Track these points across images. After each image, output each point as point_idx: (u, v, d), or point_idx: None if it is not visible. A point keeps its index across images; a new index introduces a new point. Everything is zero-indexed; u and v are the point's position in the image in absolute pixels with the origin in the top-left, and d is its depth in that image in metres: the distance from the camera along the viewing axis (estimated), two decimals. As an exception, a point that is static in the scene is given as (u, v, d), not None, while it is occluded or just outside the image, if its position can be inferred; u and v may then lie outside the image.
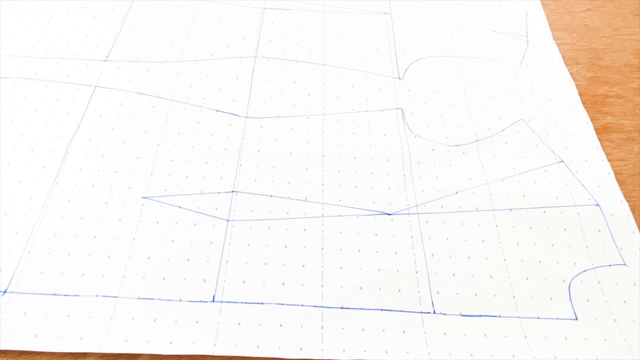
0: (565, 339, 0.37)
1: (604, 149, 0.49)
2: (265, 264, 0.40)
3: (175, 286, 0.38)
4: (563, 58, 0.57)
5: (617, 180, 0.47)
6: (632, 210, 0.45)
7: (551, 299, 0.39)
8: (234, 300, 0.38)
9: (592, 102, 0.53)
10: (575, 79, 0.55)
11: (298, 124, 0.49)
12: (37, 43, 0.52)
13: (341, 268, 0.40)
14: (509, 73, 0.55)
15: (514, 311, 0.38)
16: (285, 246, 0.41)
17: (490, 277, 0.40)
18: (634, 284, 0.40)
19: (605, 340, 0.37)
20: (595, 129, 0.50)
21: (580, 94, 0.53)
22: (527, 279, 0.40)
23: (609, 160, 0.48)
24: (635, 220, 0.44)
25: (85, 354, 0.35)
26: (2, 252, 0.38)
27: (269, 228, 0.42)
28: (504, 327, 0.37)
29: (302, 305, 0.38)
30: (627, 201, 0.45)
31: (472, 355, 0.36)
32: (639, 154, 0.49)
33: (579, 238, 0.42)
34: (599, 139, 0.50)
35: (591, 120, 0.51)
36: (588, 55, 0.58)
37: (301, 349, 0.36)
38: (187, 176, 0.44)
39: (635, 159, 0.49)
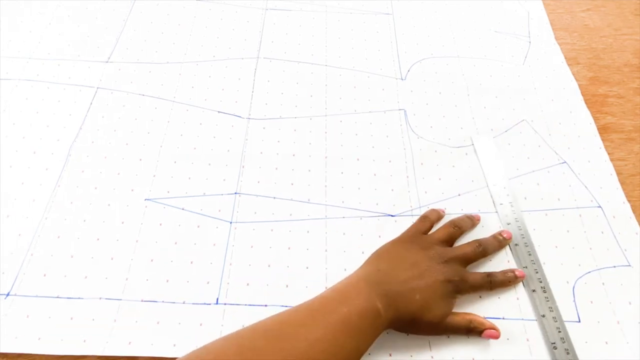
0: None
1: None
2: (269, 265, 0.40)
3: (178, 288, 0.38)
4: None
5: (618, 180, 0.47)
6: (633, 210, 0.45)
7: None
8: (238, 302, 0.38)
9: (592, 102, 0.53)
10: (575, 79, 0.55)
11: (301, 125, 0.49)
12: (39, 44, 0.51)
13: (345, 270, 0.40)
14: (512, 73, 0.55)
15: (517, 313, 0.38)
16: (289, 248, 0.41)
17: (494, 278, 0.40)
18: None
19: (606, 343, 0.37)
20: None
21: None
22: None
23: (609, 160, 0.48)
24: (636, 220, 0.44)
25: (84, 356, 0.34)
26: (5, 255, 0.38)
27: (272, 230, 0.42)
28: (507, 330, 0.37)
29: (306, 308, 0.38)
30: (628, 200, 0.45)
31: (474, 358, 0.35)
32: (639, 154, 0.49)
33: (582, 240, 0.42)
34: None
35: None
36: (588, 55, 0.58)
37: (305, 351, 0.35)
38: (189, 178, 0.44)
39: (635, 159, 0.49)
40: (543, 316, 0.38)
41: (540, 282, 0.40)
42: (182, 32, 0.55)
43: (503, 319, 0.38)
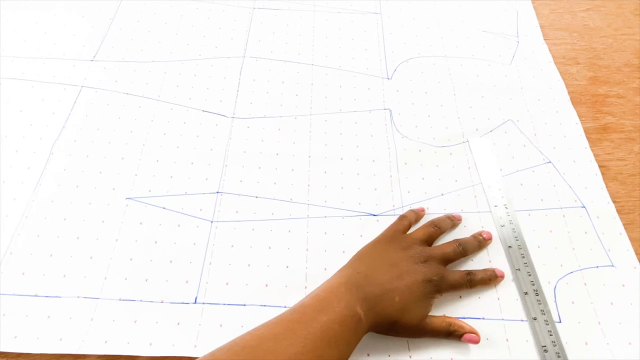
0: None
1: (604, 149, 0.49)
2: (249, 265, 0.40)
3: (157, 287, 0.38)
4: (563, 58, 0.56)
5: (617, 180, 0.46)
6: (632, 210, 0.44)
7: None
8: (216, 301, 0.38)
9: (592, 102, 0.53)
10: (575, 79, 0.54)
11: (285, 125, 0.48)
12: (24, 43, 0.51)
13: (325, 269, 0.40)
14: (499, 73, 0.54)
15: (498, 313, 0.38)
16: (270, 247, 0.41)
17: (475, 278, 0.40)
18: (623, 285, 0.40)
19: (586, 343, 0.37)
20: (595, 129, 0.50)
21: (580, 94, 0.53)
22: (512, 280, 0.40)
23: (609, 160, 0.48)
24: (635, 220, 0.44)
25: (84, 355, 0.34)
26: (-16, 253, 0.38)
27: (253, 229, 0.41)
28: (486, 330, 0.37)
29: (285, 307, 0.37)
30: (627, 200, 0.45)
31: (452, 358, 0.35)
32: (639, 154, 0.49)
33: (565, 240, 0.42)
34: (599, 139, 0.49)
35: (591, 120, 0.51)
36: (588, 55, 0.58)
37: (282, 351, 0.35)
38: (171, 177, 0.44)
39: (635, 159, 0.48)
40: (534, 319, 0.38)
41: (533, 284, 0.39)
42: (168, 30, 0.55)
43: (483, 319, 0.38)
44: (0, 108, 0.46)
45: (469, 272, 0.38)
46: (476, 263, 0.40)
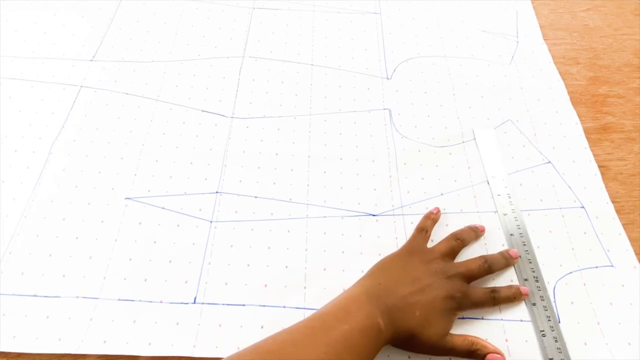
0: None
1: (604, 149, 0.49)
2: (248, 265, 0.40)
3: (156, 287, 0.38)
4: (563, 58, 0.56)
5: (617, 180, 0.46)
6: (632, 210, 0.45)
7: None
8: (215, 301, 0.38)
9: (592, 102, 0.53)
10: (575, 79, 0.54)
11: (284, 125, 0.48)
12: (24, 43, 0.51)
13: (324, 269, 0.40)
14: (498, 73, 0.54)
15: (497, 314, 0.38)
16: (269, 247, 0.41)
17: (474, 279, 0.40)
18: (622, 285, 0.40)
19: (585, 344, 0.37)
20: (595, 129, 0.50)
21: (580, 94, 0.53)
22: (512, 281, 0.40)
23: (609, 160, 0.48)
24: (635, 220, 0.44)
25: (83, 355, 0.34)
26: (-17, 253, 0.38)
27: (252, 229, 0.41)
28: (486, 330, 0.37)
29: (284, 307, 0.38)
30: (627, 200, 0.45)
31: (450, 359, 0.35)
32: (639, 154, 0.49)
33: (564, 240, 0.42)
34: (599, 139, 0.49)
35: (591, 120, 0.51)
36: (588, 55, 0.57)
37: (281, 351, 0.35)
38: (171, 177, 0.44)
39: (635, 159, 0.48)
40: (534, 304, 0.38)
41: (533, 271, 0.40)
42: (168, 30, 0.55)
43: (482, 319, 0.37)
44: (0, 108, 0.46)
45: (494, 290, 0.37)
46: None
